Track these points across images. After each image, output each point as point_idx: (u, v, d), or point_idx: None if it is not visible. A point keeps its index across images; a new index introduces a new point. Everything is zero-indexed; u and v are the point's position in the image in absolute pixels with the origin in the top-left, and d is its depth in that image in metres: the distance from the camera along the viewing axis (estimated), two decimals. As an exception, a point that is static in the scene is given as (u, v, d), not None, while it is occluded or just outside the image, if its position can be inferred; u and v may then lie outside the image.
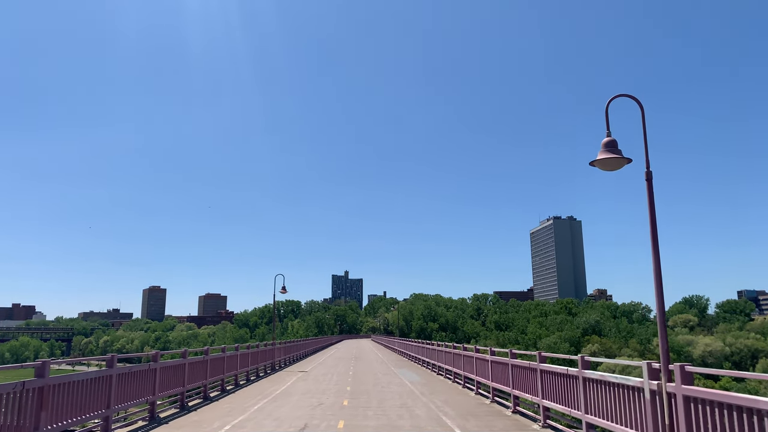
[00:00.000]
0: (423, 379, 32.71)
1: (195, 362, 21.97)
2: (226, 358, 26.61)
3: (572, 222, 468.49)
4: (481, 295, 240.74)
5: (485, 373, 23.18)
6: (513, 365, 19.24)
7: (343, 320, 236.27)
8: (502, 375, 20.49)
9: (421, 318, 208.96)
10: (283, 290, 44.96)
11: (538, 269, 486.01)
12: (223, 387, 26.28)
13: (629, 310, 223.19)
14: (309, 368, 43.25)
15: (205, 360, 23.18)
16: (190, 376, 21.29)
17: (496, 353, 22.39)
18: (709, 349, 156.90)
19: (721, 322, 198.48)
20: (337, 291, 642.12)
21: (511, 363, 19.37)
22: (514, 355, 19.72)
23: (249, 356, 32.32)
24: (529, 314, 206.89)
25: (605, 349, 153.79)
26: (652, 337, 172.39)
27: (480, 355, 24.29)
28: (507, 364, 19.88)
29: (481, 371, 23.94)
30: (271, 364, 40.79)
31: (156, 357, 17.89)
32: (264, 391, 26.39)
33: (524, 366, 18.21)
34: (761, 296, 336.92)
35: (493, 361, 21.92)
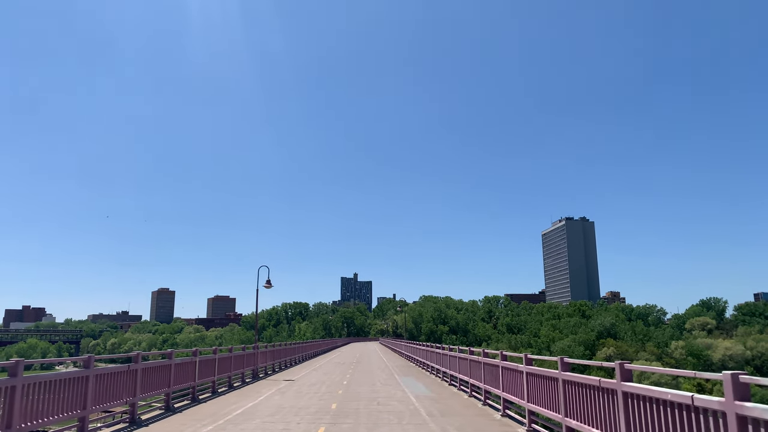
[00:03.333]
0: (432, 392, 26.10)
1: (114, 373, 15.49)
2: (173, 366, 20.11)
3: (585, 223, 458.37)
4: (492, 298, 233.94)
5: (517, 389, 16.62)
6: (566, 381, 12.62)
7: (351, 323, 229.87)
8: (547, 395, 13.89)
9: (431, 320, 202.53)
10: (268, 284, 38.56)
11: (550, 271, 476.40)
12: (168, 405, 19.75)
13: (644, 312, 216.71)
14: (298, 376, 36.74)
15: (132, 370, 16.70)
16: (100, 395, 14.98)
17: (534, 362, 15.77)
18: (730, 352, 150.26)
19: (741, 325, 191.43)
20: (347, 293, 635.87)
21: (563, 377, 12.76)
22: (565, 366, 13.05)
23: (215, 363, 25.85)
24: (542, 317, 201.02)
25: (621, 353, 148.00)
26: (669, 340, 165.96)
27: (509, 364, 17.68)
28: (554, 378, 13.31)
29: (511, 386, 17.33)
30: (253, 372, 34.33)
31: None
32: (221, 410, 19.86)
33: (585, 384, 11.62)
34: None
35: (530, 374, 15.32)
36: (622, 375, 10.01)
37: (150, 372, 18.22)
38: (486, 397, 21.09)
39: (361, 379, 33.93)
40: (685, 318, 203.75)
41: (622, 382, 9.95)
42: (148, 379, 18.03)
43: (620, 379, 10.03)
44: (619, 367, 10.08)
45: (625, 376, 10.02)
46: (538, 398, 14.64)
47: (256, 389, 27.78)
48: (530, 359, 15.70)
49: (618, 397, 9.97)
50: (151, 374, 18.34)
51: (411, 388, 27.77)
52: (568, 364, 12.97)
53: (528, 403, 15.27)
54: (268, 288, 38.39)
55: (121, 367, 16.04)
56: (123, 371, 16.12)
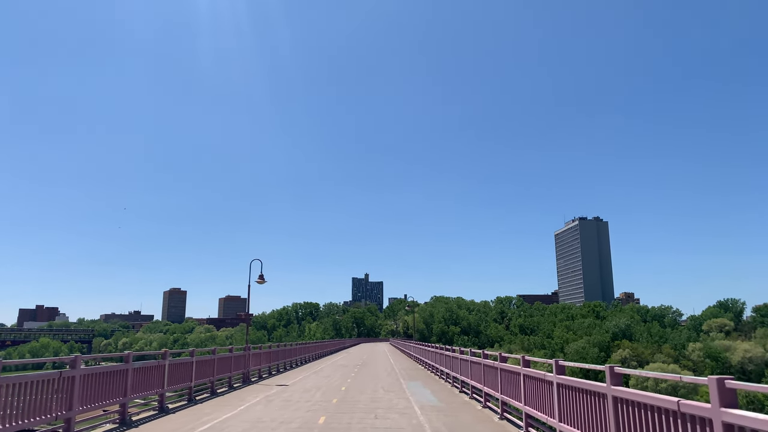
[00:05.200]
0: (440, 401, 22.65)
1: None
2: (130, 371, 16.78)
3: (599, 223, 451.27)
4: (504, 298, 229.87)
5: (543, 403, 13.16)
6: (619, 399, 9.12)
7: (362, 323, 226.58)
8: (587, 415, 10.40)
9: (442, 321, 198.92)
10: (261, 279, 35.30)
11: (563, 272, 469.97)
12: (124, 418, 16.43)
13: (660, 314, 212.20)
14: (295, 380, 33.38)
15: (65, 377, 13.45)
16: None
17: (566, 370, 12.26)
18: (749, 355, 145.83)
19: (759, 326, 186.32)
20: (357, 294, 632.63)
21: (613, 394, 9.27)
22: (615, 378, 9.50)
23: (193, 366, 22.53)
24: (555, 318, 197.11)
25: (637, 354, 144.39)
26: (686, 342, 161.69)
27: (533, 372, 14.19)
28: (601, 394, 9.84)
29: (536, 399, 13.84)
30: (243, 376, 31.03)
31: None
32: (185, 425, 16.43)
33: (653, 404, 8.31)
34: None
35: (562, 385, 11.83)
36: (611, 380, 9.38)
37: (97, 379, 14.96)
38: (504, 409, 17.60)
39: (362, 384, 30.53)
40: (702, 319, 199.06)
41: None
42: (96, 387, 14.93)
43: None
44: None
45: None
46: (568, 414, 11.44)
47: (240, 396, 24.44)
48: (561, 366, 12.25)
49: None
50: (99, 381, 15.07)
51: (417, 396, 24.33)
52: (618, 376, 9.57)
53: (559, 422, 11.87)
54: (261, 283, 35.13)
55: (51, 373, 13.00)
56: (54, 378, 13.27)
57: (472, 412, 19.30)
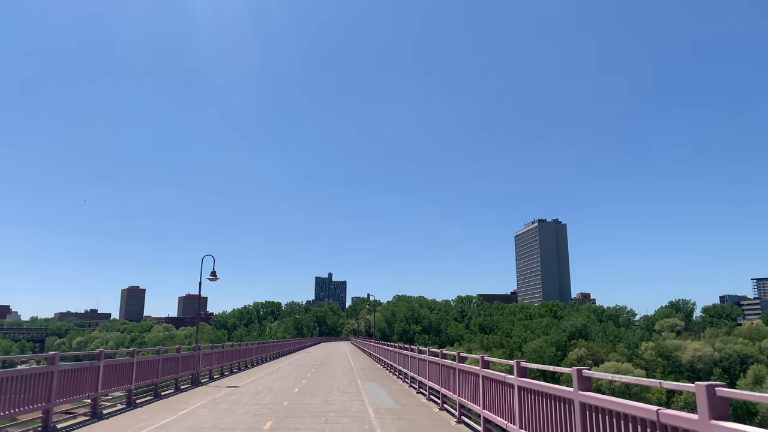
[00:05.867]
0: (396, 403, 21.51)
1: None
2: (56, 373, 15.08)
3: (557, 225, 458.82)
4: (465, 297, 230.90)
5: (503, 408, 12.13)
6: (587, 405, 8.08)
7: (324, 322, 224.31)
8: (551, 422, 9.35)
9: (404, 320, 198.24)
10: (213, 276, 33.61)
11: (522, 272, 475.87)
12: (46, 426, 14.74)
13: (615, 314, 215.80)
14: (247, 381, 31.81)
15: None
16: None
17: (528, 372, 11.21)
18: (699, 354, 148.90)
19: (708, 326, 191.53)
20: (321, 293, 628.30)
21: (581, 400, 8.22)
22: (583, 382, 8.47)
23: (133, 367, 20.84)
24: (514, 317, 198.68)
25: (592, 354, 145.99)
26: (639, 341, 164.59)
27: (492, 373, 13.11)
28: (567, 400, 8.80)
29: (496, 403, 12.80)
30: (192, 377, 29.34)
31: None
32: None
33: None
34: (743, 301, 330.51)
35: (523, 388, 10.76)
36: (579, 384, 8.29)
37: (14, 383, 13.25)
38: (461, 412, 16.57)
39: (317, 385, 29.18)
40: (654, 319, 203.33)
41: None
42: (13, 392, 13.24)
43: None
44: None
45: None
46: (529, 421, 10.37)
47: (185, 399, 22.83)
48: (523, 368, 11.22)
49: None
50: (17, 386, 13.38)
51: (372, 398, 23.15)
52: (587, 379, 8.55)
53: (520, 429, 10.81)
54: (213, 280, 33.44)
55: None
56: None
57: (429, 415, 18.22)
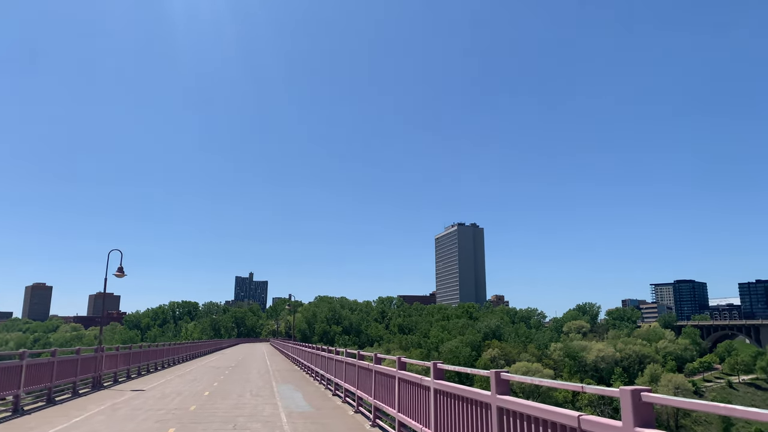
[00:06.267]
0: (310, 406, 20.68)
1: None
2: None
3: (475, 229, 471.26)
4: (386, 298, 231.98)
5: (420, 413, 11.63)
6: (505, 410, 7.66)
7: (242, 323, 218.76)
8: (468, 427, 8.91)
9: (325, 321, 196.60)
10: (120, 272, 31.50)
11: (441, 274, 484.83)
12: None
13: (527, 315, 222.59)
14: (155, 384, 29.89)
15: None
16: None
17: (446, 374, 10.75)
18: (602, 354, 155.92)
19: (611, 328, 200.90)
20: (241, 293, 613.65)
21: (498, 404, 7.79)
22: (502, 386, 8.04)
23: (22, 370, 18.81)
24: (432, 318, 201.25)
25: (505, 354, 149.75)
26: (549, 342, 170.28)
27: (408, 375, 12.59)
28: (485, 404, 8.36)
29: (412, 407, 12.29)
30: (94, 380, 27.16)
31: None
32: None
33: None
34: (642, 305, 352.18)
35: (440, 391, 10.30)
36: (497, 387, 7.87)
37: None
38: (376, 416, 15.99)
39: (230, 387, 27.83)
40: (563, 321, 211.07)
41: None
42: None
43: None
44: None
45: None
46: (445, 425, 9.89)
47: (82, 405, 20.98)
48: (440, 370, 10.76)
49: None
50: None
51: (286, 401, 22.19)
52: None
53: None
54: (120, 276, 31.29)
55: None
56: None
57: (343, 418, 17.54)
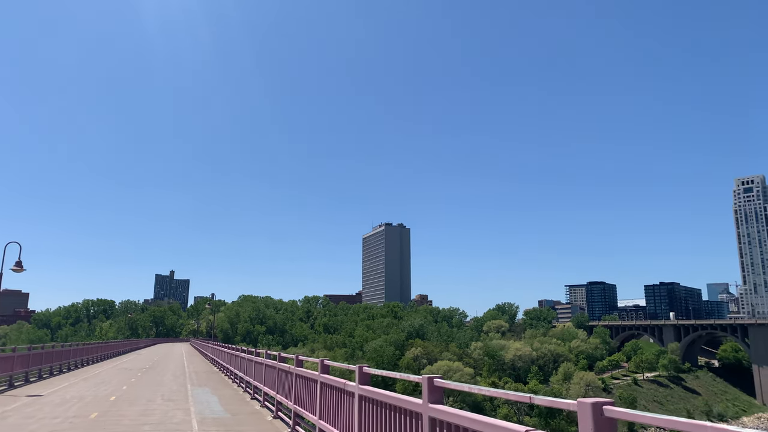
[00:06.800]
0: (226, 411, 19.17)
1: None
2: None
3: (402, 229, 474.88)
4: (312, 298, 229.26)
5: (342, 421, 10.57)
6: (437, 421, 6.75)
7: (162, 322, 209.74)
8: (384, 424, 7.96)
9: (248, 320, 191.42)
10: (18, 267, 28.52)
11: (368, 273, 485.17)
12: None
13: (449, 315, 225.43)
14: (56, 389, 27.22)
15: None
16: None
17: (371, 377, 9.75)
18: (519, 353, 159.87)
19: (528, 328, 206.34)
20: (161, 292, 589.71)
21: (431, 414, 6.87)
22: (435, 393, 7.12)
23: None
24: (357, 317, 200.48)
25: (427, 353, 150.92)
26: (470, 341, 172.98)
27: (332, 380, 11.51)
28: (415, 413, 7.42)
29: (334, 415, 11.21)
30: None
31: None
32: None
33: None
34: (557, 305, 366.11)
35: (366, 398, 9.29)
36: (430, 395, 6.91)
37: None
38: (296, 422, 14.78)
39: (140, 391, 25.69)
40: (483, 321, 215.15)
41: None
42: None
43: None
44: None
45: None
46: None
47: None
48: (366, 374, 9.75)
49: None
50: None
51: (200, 406, 20.53)
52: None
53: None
54: (18, 271, 28.30)
55: None
56: None
57: (260, 425, 16.21)
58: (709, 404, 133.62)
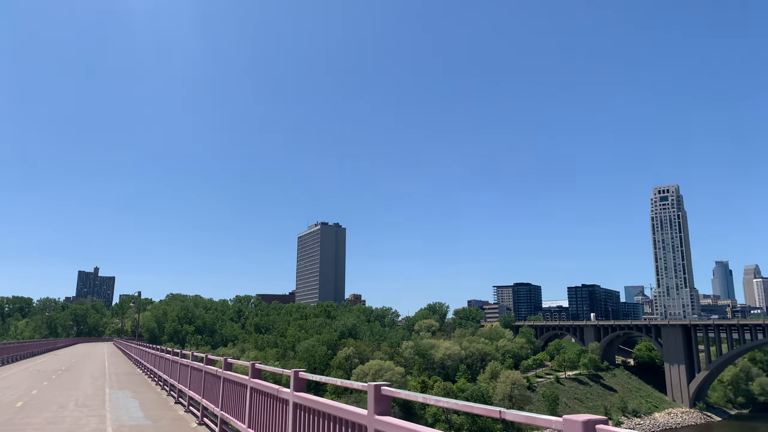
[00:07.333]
0: (147, 417, 17.62)
1: None
2: None
3: (338, 229, 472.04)
4: (243, 297, 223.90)
5: (274, 426, 9.56)
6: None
7: (83, 321, 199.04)
8: None
9: (176, 320, 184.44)
10: None
11: (302, 273, 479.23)
12: None
13: (382, 314, 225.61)
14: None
15: None
16: None
17: (308, 383, 8.80)
18: (449, 352, 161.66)
19: (458, 327, 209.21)
20: (84, 289, 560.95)
21: (377, 427, 6.04)
22: (382, 404, 6.29)
23: None
24: (290, 317, 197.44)
25: (359, 352, 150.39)
26: (401, 340, 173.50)
27: (263, 385, 10.44)
28: (359, 426, 6.55)
29: (265, 424, 10.15)
30: None
31: None
32: None
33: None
34: (485, 306, 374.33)
35: (302, 406, 8.32)
36: (377, 405, 6.07)
37: None
38: (223, 429, 13.58)
39: (51, 396, 23.49)
40: (415, 320, 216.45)
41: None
42: None
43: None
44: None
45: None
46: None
47: None
48: (302, 380, 8.78)
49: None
50: None
51: (118, 411, 18.84)
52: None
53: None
54: None
55: None
56: None
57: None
58: (625, 401, 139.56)
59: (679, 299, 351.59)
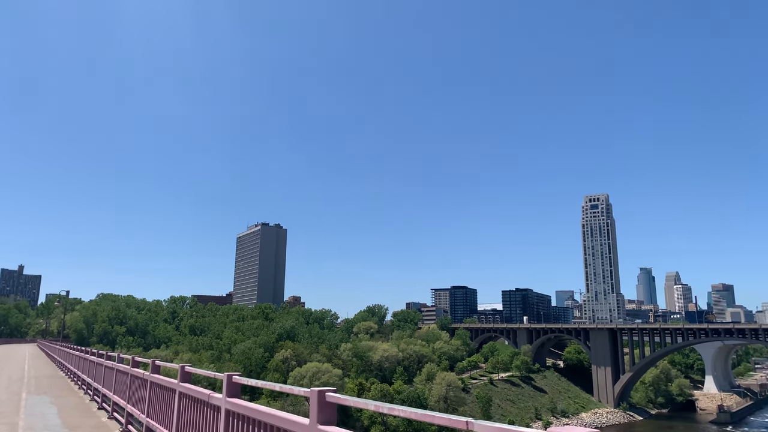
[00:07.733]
0: (65, 425, 16.12)
1: None
2: None
3: (279, 230, 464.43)
4: (178, 298, 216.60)
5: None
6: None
7: (5, 321, 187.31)
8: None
9: (107, 320, 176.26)
10: None
11: (240, 274, 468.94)
12: None
13: (321, 316, 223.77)
14: None
15: None
16: None
17: (244, 388, 7.99)
18: (387, 354, 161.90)
19: (396, 329, 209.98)
20: (7, 288, 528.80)
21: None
22: (326, 411, 5.62)
23: None
24: (227, 319, 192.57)
25: (297, 354, 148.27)
26: (340, 342, 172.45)
27: (193, 390, 9.52)
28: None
29: (193, 426, 9.27)
30: None
31: None
32: None
33: None
34: (423, 308, 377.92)
35: (236, 414, 7.53)
36: (320, 414, 5.35)
37: None
38: None
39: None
40: (354, 322, 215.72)
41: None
42: None
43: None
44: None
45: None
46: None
47: None
48: (236, 384, 7.98)
49: None
50: None
51: (33, 419, 17.21)
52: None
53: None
54: None
55: None
56: None
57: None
58: (554, 402, 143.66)
59: (607, 304, 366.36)
